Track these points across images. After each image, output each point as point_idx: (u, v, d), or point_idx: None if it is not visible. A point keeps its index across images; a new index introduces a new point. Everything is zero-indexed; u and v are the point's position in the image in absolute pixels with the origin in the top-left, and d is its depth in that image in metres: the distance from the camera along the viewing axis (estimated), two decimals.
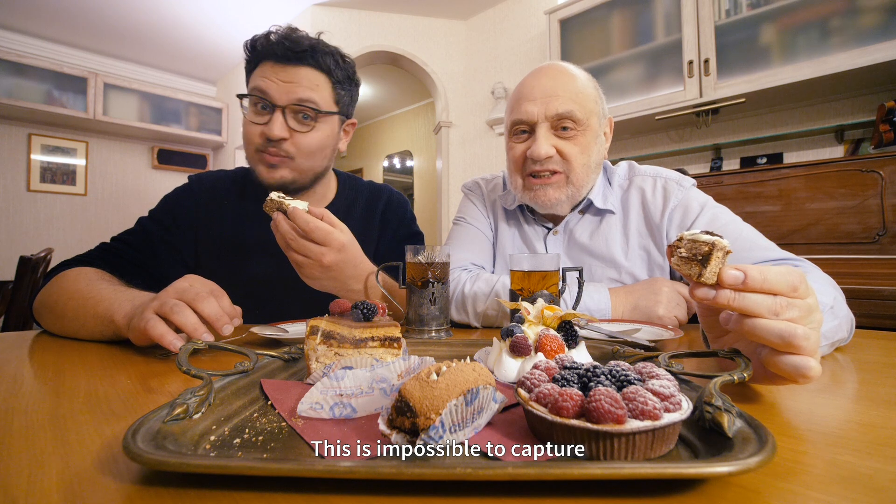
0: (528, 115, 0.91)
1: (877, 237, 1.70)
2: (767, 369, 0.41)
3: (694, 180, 0.98)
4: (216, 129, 4.96)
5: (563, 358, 0.37)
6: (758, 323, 0.38)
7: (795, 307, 0.39)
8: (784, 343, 0.37)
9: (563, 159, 0.91)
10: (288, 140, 0.91)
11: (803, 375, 0.38)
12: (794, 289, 0.39)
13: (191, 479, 0.26)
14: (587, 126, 0.91)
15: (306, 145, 0.93)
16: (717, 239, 0.40)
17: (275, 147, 0.91)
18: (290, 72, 0.90)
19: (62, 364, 0.59)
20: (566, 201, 0.95)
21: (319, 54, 0.92)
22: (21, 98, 3.80)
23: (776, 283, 0.38)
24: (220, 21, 3.87)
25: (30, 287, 2.07)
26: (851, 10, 1.87)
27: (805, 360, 0.38)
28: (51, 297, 0.80)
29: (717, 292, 0.39)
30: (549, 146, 0.89)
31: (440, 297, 0.79)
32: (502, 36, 3.47)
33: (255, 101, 0.91)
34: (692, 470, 0.24)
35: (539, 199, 0.94)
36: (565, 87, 0.90)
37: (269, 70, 0.90)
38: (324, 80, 0.94)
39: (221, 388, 0.39)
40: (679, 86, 2.31)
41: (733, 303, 0.39)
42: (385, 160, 6.46)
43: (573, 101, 0.89)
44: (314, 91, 0.92)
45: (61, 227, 4.30)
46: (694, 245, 0.40)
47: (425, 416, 0.29)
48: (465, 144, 3.70)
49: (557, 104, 0.88)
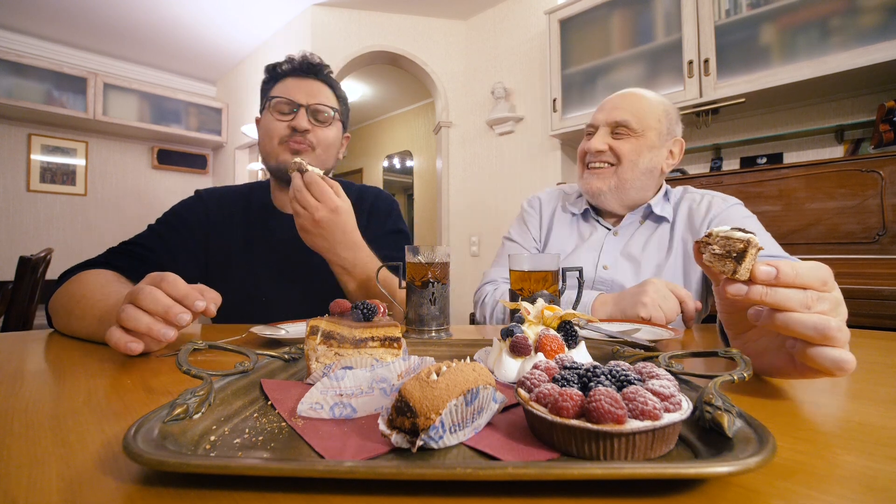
0: (594, 120, 1.13)
1: (877, 237, 1.70)
2: (797, 363, 0.41)
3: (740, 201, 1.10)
4: (216, 130, 4.96)
5: (563, 358, 0.37)
6: (791, 317, 0.39)
7: (826, 300, 0.39)
8: (819, 336, 0.38)
9: (615, 154, 1.09)
10: (310, 132, 1.08)
11: (841, 368, 0.38)
12: (824, 283, 0.40)
13: (191, 479, 0.26)
14: (642, 135, 1.08)
15: (324, 138, 1.11)
16: (751, 236, 0.40)
17: (300, 136, 1.08)
18: (309, 83, 1.11)
19: (62, 364, 0.59)
20: (609, 192, 1.11)
21: (329, 73, 1.16)
22: (21, 98, 3.79)
23: (808, 277, 0.39)
24: (220, 21, 3.87)
25: (30, 287, 2.06)
26: (851, 10, 1.87)
27: (842, 352, 0.38)
28: (63, 297, 0.82)
29: (749, 288, 0.40)
30: (601, 142, 1.09)
31: (440, 297, 0.79)
32: (502, 36, 3.47)
33: (280, 105, 1.09)
34: (692, 470, 0.24)
35: (586, 185, 1.13)
36: (630, 104, 1.10)
37: (292, 83, 1.10)
38: (331, 93, 1.15)
39: (221, 388, 0.39)
40: (679, 86, 2.31)
41: (766, 298, 0.39)
42: (385, 160, 6.46)
43: (631, 114, 1.08)
44: (328, 99, 1.13)
45: (61, 228, 4.30)
46: (728, 242, 0.41)
47: (425, 417, 0.29)
48: (465, 144, 3.70)
49: (617, 113, 1.09)
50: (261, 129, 1.13)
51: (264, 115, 1.12)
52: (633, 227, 1.15)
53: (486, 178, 3.55)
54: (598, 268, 1.11)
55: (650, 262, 1.08)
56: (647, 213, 1.14)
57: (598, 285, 1.09)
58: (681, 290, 0.86)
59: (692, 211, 1.10)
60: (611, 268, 1.10)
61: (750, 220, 1.06)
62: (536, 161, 3.23)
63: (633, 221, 1.15)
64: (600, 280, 1.09)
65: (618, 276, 1.08)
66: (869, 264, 1.64)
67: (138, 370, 0.55)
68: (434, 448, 0.30)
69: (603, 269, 1.10)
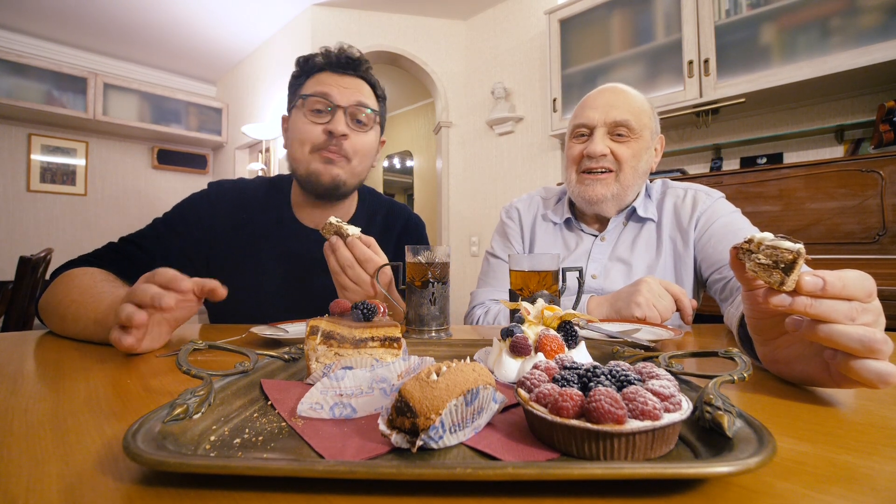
0: (589, 119, 1.03)
1: (877, 237, 1.70)
2: (833, 372, 0.40)
3: (723, 194, 1.07)
4: (216, 130, 4.96)
5: (563, 358, 0.37)
6: (835, 329, 0.38)
7: (870, 312, 0.39)
8: (865, 348, 0.37)
9: (616, 159, 1.02)
10: (348, 139, 0.97)
11: (885, 381, 0.37)
12: (870, 294, 0.39)
13: (191, 479, 0.26)
14: (640, 136, 1.03)
15: (362, 145, 1.00)
16: (800, 246, 0.38)
17: (335, 145, 0.97)
18: (348, 80, 0.99)
19: (62, 364, 0.59)
20: (611, 199, 1.04)
21: (368, 68, 1.03)
22: (21, 98, 3.80)
23: (854, 289, 0.38)
24: (220, 21, 3.87)
25: (30, 287, 2.06)
26: (851, 10, 1.87)
27: (887, 365, 0.37)
28: (54, 297, 0.79)
29: (793, 299, 0.39)
30: (603, 145, 1.01)
31: (440, 298, 0.79)
32: (502, 36, 3.47)
33: (314, 104, 0.97)
34: (692, 470, 0.24)
35: (587, 193, 1.05)
36: (624, 101, 1.03)
37: (328, 78, 0.98)
38: (371, 91, 1.03)
39: (221, 388, 0.39)
40: (679, 86, 2.32)
41: (810, 309, 0.38)
42: (385, 160, 6.46)
43: (630, 113, 1.02)
44: (368, 98, 1.00)
45: (61, 227, 4.30)
46: (775, 252, 0.39)
47: (425, 417, 0.29)
48: (465, 144, 3.70)
49: (616, 113, 1.01)
50: (290, 132, 1.01)
51: (294, 114, 1.00)
52: (618, 230, 1.11)
53: (486, 179, 3.55)
54: (588, 277, 1.07)
55: (640, 263, 1.05)
56: (630, 214, 1.11)
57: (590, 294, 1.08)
58: (675, 288, 0.85)
59: (677, 208, 1.07)
60: (601, 276, 1.07)
61: (735, 214, 1.03)
62: (536, 161, 3.23)
63: (618, 224, 1.11)
64: (589, 289, 1.06)
65: (607, 283, 1.05)
66: (869, 264, 1.64)
67: (138, 370, 0.55)
68: (434, 448, 0.30)
69: (591, 278, 1.07)
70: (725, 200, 1.06)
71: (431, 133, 5.19)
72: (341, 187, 1.00)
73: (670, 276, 1.04)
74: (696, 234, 1.03)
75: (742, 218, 1.02)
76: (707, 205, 1.04)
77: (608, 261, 1.08)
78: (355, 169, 1.01)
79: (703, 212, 1.03)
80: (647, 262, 1.05)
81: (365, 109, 0.98)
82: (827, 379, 0.42)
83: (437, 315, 0.79)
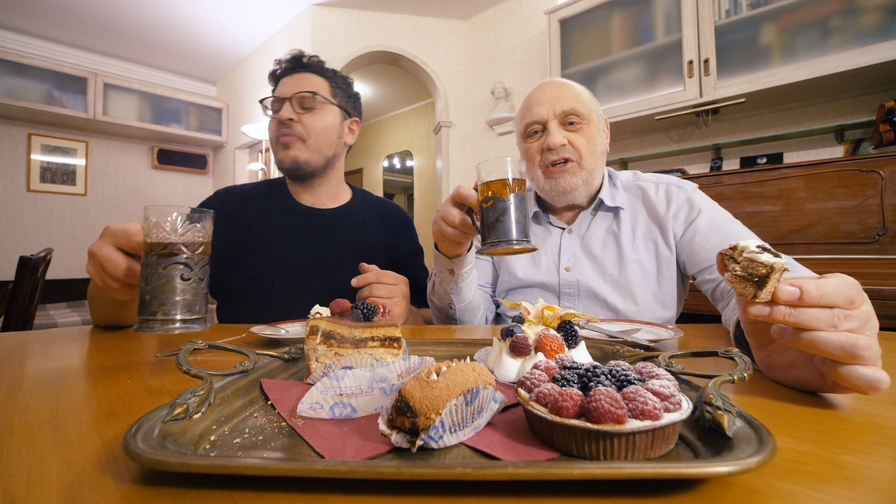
0: (539, 115, 1.05)
1: (877, 237, 1.70)
2: (828, 378, 0.40)
3: (695, 184, 1.07)
4: (216, 129, 4.96)
5: (563, 358, 0.37)
6: (817, 336, 0.37)
7: (854, 318, 0.38)
8: (847, 354, 0.37)
9: (574, 148, 1.04)
10: (296, 122, 1.10)
11: (873, 387, 0.37)
12: (851, 301, 0.38)
13: (191, 479, 0.26)
14: (589, 120, 1.05)
15: (313, 125, 1.11)
16: (776, 261, 0.38)
17: (287, 128, 1.09)
18: (296, 76, 1.14)
19: (62, 364, 0.59)
20: (582, 186, 1.06)
21: (318, 64, 1.16)
22: (21, 98, 3.80)
23: (834, 297, 0.38)
24: (220, 21, 3.87)
25: (30, 287, 2.06)
26: (851, 10, 1.87)
27: (875, 371, 0.37)
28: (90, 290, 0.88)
29: (771, 309, 0.38)
30: (561, 136, 1.03)
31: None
32: (502, 36, 3.47)
33: (270, 104, 1.13)
34: (692, 470, 0.24)
35: (559, 185, 1.06)
36: (567, 92, 1.06)
37: (282, 81, 1.15)
38: (321, 80, 1.15)
39: (221, 388, 0.39)
40: (679, 86, 2.31)
41: (789, 318, 0.38)
42: (385, 160, 6.46)
43: (575, 101, 1.05)
44: (313, 86, 1.13)
45: (61, 228, 4.30)
46: (751, 265, 0.39)
47: (425, 416, 0.29)
48: (465, 144, 3.70)
49: (563, 104, 1.04)
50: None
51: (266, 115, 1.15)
52: (586, 221, 1.10)
53: None
54: (561, 271, 1.07)
55: (610, 255, 1.05)
56: (598, 205, 1.10)
57: (563, 289, 1.06)
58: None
59: (650, 200, 1.06)
60: (573, 269, 1.06)
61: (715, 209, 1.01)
62: None
63: (586, 215, 1.11)
64: (565, 283, 1.06)
65: (581, 275, 1.05)
66: (869, 264, 1.64)
67: (138, 370, 0.55)
68: (434, 448, 0.30)
69: (566, 271, 1.07)
70: (699, 191, 1.06)
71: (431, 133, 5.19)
72: (303, 166, 1.12)
73: (651, 269, 1.03)
74: (675, 227, 1.02)
75: (722, 211, 1.01)
76: (682, 198, 1.03)
77: (579, 253, 1.08)
78: (313, 147, 1.12)
79: (680, 205, 1.03)
80: (619, 253, 1.04)
81: (308, 95, 1.10)
82: (822, 384, 0.42)
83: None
